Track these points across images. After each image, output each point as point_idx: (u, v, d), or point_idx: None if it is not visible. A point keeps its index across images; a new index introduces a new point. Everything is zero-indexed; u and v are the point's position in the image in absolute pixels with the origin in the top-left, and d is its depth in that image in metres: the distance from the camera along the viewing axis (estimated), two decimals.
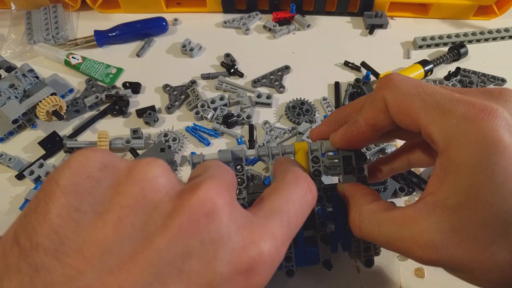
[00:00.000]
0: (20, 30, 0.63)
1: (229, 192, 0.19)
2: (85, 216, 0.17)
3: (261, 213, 0.21)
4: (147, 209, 0.18)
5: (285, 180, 0.24)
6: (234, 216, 0.19)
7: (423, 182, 0.47)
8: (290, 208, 0.22)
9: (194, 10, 0.67)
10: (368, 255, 0.33)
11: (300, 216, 0.22)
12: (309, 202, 0.23)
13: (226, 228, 0.18)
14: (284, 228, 0.21)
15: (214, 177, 0.19)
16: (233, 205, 0.19)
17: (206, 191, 0.18)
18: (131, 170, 0.19)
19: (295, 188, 0.23)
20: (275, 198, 0.22)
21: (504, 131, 0.20)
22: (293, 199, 0.22)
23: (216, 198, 0.18)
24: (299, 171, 0.25)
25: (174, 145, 0.50)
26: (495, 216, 0.20)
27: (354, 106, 0.31)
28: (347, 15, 0.68)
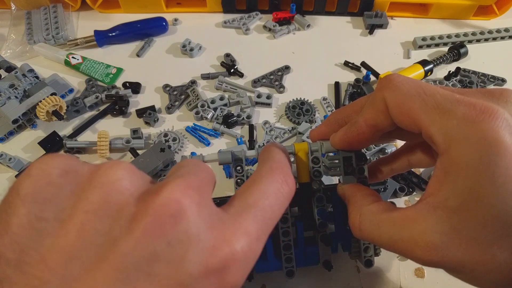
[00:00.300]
0: (20, 30, 0.63)
1: (198, 191, 0.19)
2: (47, 224, 0.17)
3: (234, 209, 0.21)
4: (110, 213, 0.17)
5: (260, 173, 0.23)
6: (203, 215, 0.18)
7: (423, 182, 0.47)
8: (265, 201, 0.21)
9: (194, 10, 0.67)
10: (368, 255, 0.33)
11: (277, 209, 0.22)
12: (285, 194, 0.23)
13: (194, 228, 0.18)
14: (259, 222, 0.20)
15: (182, 177, 0.19)
16: (202, 204, 0.19)
17: (171, 191, 0.18)
18: (94, 174, 0.18)
19: (270, 180, 0.23)
20: (249, 193, 0.22)
21: (505, 132, 0.20)
22: (268, 192, 0.22)
23: (181, 197, 0.18)
24: (275, 162, 0.24)
25: (174, 145, 0.50)
26: (496, 217, 0.20)
27: (354, 107, 0.31)
28: (347, 15, 0.68)
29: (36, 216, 0.17)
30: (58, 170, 0.18)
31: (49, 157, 0.19)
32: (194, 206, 0.18)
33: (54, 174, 0.18)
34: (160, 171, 0.48)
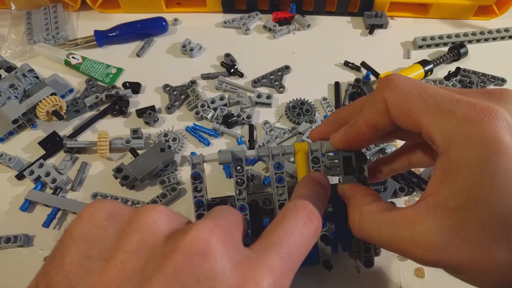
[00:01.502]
0: (20, 30, 0.63)
1: (225, 231, 0.20)
2: (93, 262, 0.19)
3: (259, 247, 0.21)
4: (146, 253, 0.19)
5: (285, 210, 0.24)
6: (229, 254, 0.19)
7: (423, 182, 0.47)
8: (289, 239, 0.22)
9: (194, 10, 0.67)
10: (368, 255, 0.33)
11: (301, 246, 0.22)
12: (310, 231, 0.23)
13: (221, 266, 0.19)
14: (284, 259, 0.21)
15: (211, 218, 0.21)
16: (229, 243, 0.20)
17: (198, 230, 0.19)
18: (133, 217, 0.21)
19: (294, 218, 0.23)
20: (273, 231, 0.22)
21: (505, 132, 0.20)
22: (292, 229, 0.22)
23: (208, 237, 0.19)
24: (301, 199, 0.25)
25: (174, 145, 0.50)
26: (496, 217, 0.20)
27: (354, 107, 0.31)
28: (347, 15, 0.68)
29: (84, 255, 0.19)
30: (104, 214, 0.21)
31: (97, 202, 0.21)
32: (220, 245, 0.19)
33: (101, 217, 0.21)
34: (160, 171, 0.48)
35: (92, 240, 0.20)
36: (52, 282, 0.18)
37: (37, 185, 0.47)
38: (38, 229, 0.44)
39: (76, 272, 0.18)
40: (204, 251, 0.18)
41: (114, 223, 0.20)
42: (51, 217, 0.44)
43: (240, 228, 0.23)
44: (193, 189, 0.32)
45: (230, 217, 0.22)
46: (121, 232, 0.20)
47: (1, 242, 0.42)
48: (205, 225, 0.19)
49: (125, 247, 0.19)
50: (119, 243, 0.19)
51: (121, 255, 0.19)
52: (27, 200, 0.45)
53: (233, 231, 0.22)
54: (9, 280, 0.41)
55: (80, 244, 0.19)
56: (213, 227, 0.19)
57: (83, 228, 0.20)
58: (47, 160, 0.50)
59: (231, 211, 0.23)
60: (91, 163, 0.50)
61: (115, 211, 0.21)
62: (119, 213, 0.21)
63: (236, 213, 0.24)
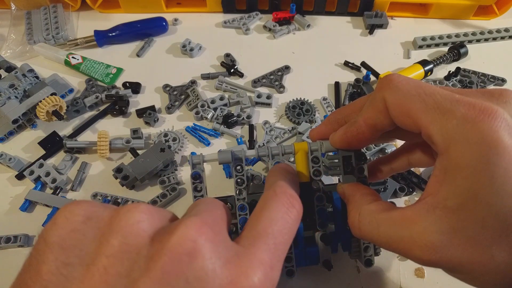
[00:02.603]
0: (20, 30, 0.63)
1: (212, 228, 0.20)
2: (73, 269, 0.18)
3: (246, 241, 0.21)
4: (130, 256, 0.18)
5: (265, 199, 0.24)
6: (218, 251, 0.19)
7: (423, 182, 0.47)
8: (274, 228, 0.22)
9: (194, 10, 0.67)
10: (368, 255, 0.33)
11: (286, 233, 0.22)
12: (293, 217, 0.23)
13: (210, 264, 0.18)
14: (271, 250, 0.21)
15: (196, 215, 0.20)
16: (217, 240, 0.19)
17: (185, 230, 0.18)
18: (113, 218, 0.19)
19: (276, 205, 0.23)
20: (258, 221, 0.22)
21: (504, 132, 0.20)
22: (275, 217, 0.22)
23: (195, 235, 0.18)
24: (279, 185, 0.25)
25: (174, 145, 0.50)
26: (495, 217, 0.20)
27: (354, 107, 0.31)
28: (347, 15, 0.68)
29: (62, 262, 0.18)
30: (81, 217, 0.19)
31: (73, 205, 0.20)
32: (208, 243, 0.19)
33: (77, 221, 0.19)
34: (160, 171, 0.48)
35: (69, 246, 0.18)
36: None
37: (37, 185, 0.47)
38: (38, 229, 0.44)
39: (55, 281, 0.17)
40: (192, 250, 0.18)
41: (93, 227, 0.19)
42: (51, 217, 0.44)
43: (225, 221, 0.22)
44: (193, 189, 0.32)
45: (215, 211, 0.22)
46: (101, 235, 0.19)
47: (1, 242, 0.42)
48: (191, 223, 0.19)
49: (106, 251, 0.18)
50: (100, 247, 0.18)
51: (103, 260, 0.18)
52: (27, 200, 0.45)
53: (220, 226, 0.21)
54: (9, 280, 0.41)
55: (57, 251, 0.18)
56: (200, 225, 0.19)
57: (59, 233, 0.19)
58: (47, 160, 0.50)
59: (215, 204, 0.23)
60: (91, 163, 0.50)
61: (92, 213, 0.20)
62: (98, 215, 0.20)
63: (219, 205, 0.23)
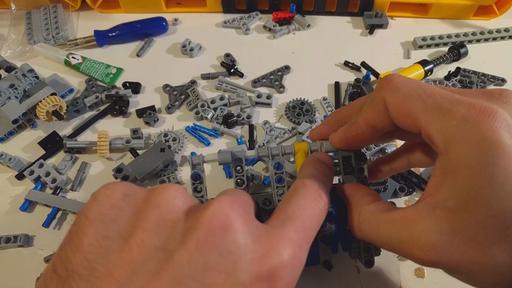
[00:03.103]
0: (20, 30, 0.63)
1: (243, 207, 0.21)
2: (112, 242, 0.19)
3: (276, 222, 0.22)
4: (166, 230, 0.19)
5: (295, 187, 0.25)
6: (249, 227, 0.20)
7: (423, 182, 0.47)
8: (303, 213, 0.23)
9: (194, 10, 0.67)
10: (368, 255, 0.33)
11: (314, 220, 0.23)
12: (320, 206, 0.24)
13: (243, 239, 0.19)
14: (300, 232, 0.22)
15: (227, 194, 0.21)
16: (248, 218, 0.20)
17: (219, 205, 0.19)
18: (150, 195, 0.21)
19: (304, 195, 0.24)
20: (287, 207, 0.23)
21: (504, 133, 0.20)
22: (304, 204, 0.23)
23: (228, 211, 0.19)
24: (308, 177, 0.26)
25: (174, 145, 0.50)
26: (495, 217, 0.20)
27: (354, 107, 0.31)
28: (347, 15, 0.68)
29: (102, 235, 0.19)
30: (119, 194, 0.21)
31: (112, 184, 0.21)
32: (240, 219, 0.20)
33: (116, 198, 0.20)
34: (160, 171, 0.48)
35: (109, 221, 0.19)
36: (70, 265, 0.18)
37: (37, 185, 0.47)
38: (38, 229, 0.44)
39: (95, 252, 0.18)
40: (225, 224, 0.19)
41: (130, 203, 0.20)
42: (51, 217, 0.44)
43: (252, 207, 0.23)
44: (193, 190, 0.32)
45: (242, 196, 0.23)
46: (139, 211, 0.20)
47: (1, 242, 0.42)
48: (223, 200, 0.20)
49: (144, 225, 0.19)
50: (137, 221, 0.19)
51: (140, 233, 0.19)
52: (27, 200, 0.45)
53: (249, 209, 0.22)
54: (9, 280, 0.41)
55: (97, 225, 0.19)
56: (232, 202, 0.20)
57: (99, 209, 0.20)
58: (47, 160, 0.50)
59: (242, 192, 0.24)
60: (91, 163, 0.50)
61: (130, 190, 0.21)
62: (135, 193, 0.21)
63: (247, 194, 0.24)
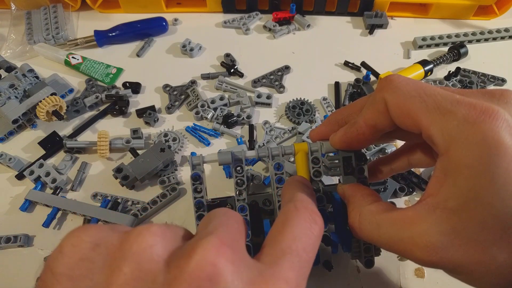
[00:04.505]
0: (20, 30, 0.63)
1: (232, 247, 0.18)
2: None
3: (269, 258, 0.20)
4: (145, 284, 0.17)
5: (286, 214, 0.23)
6: (240, 272, 0.18)
7: (423, 182, 0.47)
8: (298, 245, 0.21)
9: (194, 10, 0.67)
10: (369, 255, 0.33)
11: (310, 251, 0.21)
12: (316, 233, 0.22)
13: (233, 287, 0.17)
14: (296, 269, 0.20)
15: (213, 233, 0.19)
16: (237, 261, 0.18)
17: (204, 253, 0.17)
18: (124, 243, 0.18)
19: (298, 221, 0.22)
20: (281, 238, 0.21)
21: (505, 133, 0.20)
22: (299, 234, 0.21)
23: (215, 258, 0.17)
24: (299, 200, 0.24)
25: (174, 145, 0.50)
26: (495, 218, 0.20)
27: (354, 107, 0.31)
28: (347, 15, 0.68)
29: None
30: (89, 244, 0.18)
31: (79, 231, 0.19)
32: (229, 265, 0.17)
33: (85, 248, 0.18)
34: (160, 171, 0.48)
35: (78, 276, 0.17)
36: None
37: (37, 185, 0.47)
38: (38, 229, 0.44)
39: None
40: (213, 275, 0.17)
41: (102, 253, 0.18)
42: (51, 217, 0.44)
43: (243, 235, 0.21)
44: (193, 190, 0.32)
45: (231, 224, 0.20)
46: (112, 262, 0.18)
47: (1, 242, 0.42)
48: (209, 244, 0.17)
49: (119, 279, 0.17)
50: (111, 276, 0.17)
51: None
52: (27, 200, 0.45)
53: (238, 242, 0.20)
54: (9, 280, 0.41)
55: (66, 282, 0.17)
56: (219, 246, 0.18)
57: (66, 263, 0.17)
58: (47, 160, 0.50)
59: (230, 216, 0.21)
60: (91, 163, 0.50)
61: (101, 238, 0.18)
62: (106, 240, 0.18)
63: (236, 217, 0.22)
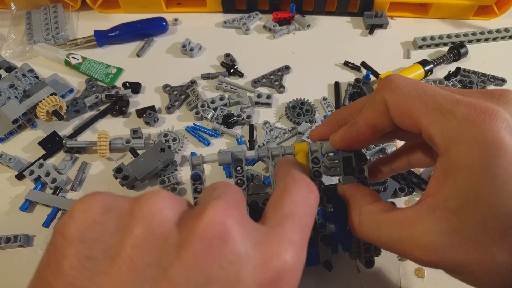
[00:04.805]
0: (20, 30, 0.63)
1: (238, 210, 0.19)
2: (97, 263, 0.17)
3: (273, 222, 0.21)
4: (157, 244, 0.17)
5: (285, 183, 0.24)
6: (247, 233, 0.18)
7: (423, 182, 0.47)
8: (299, 210, 0.22)
9: (194, 10, 0.67)
10: (369, 255, 0.33)
11: (309, 215, 0.23)
12: (313, 201, 0.24)
13: (243, 246, 0.18)
14: (299, 231, 0.21)
15: (220, 197, 0.19)
16: (244, 222, 0.19)
17: (214, 213, 0.18)
18: (134, 207, 0.19)
19: (296, 190, 0.23)
20: (282, 204, 0.22)
21: (505, 133, 0.20)
22: (299, 201, 0.23)
23: (224, 218, 0.18)
24: (296, 173, 0.25)
25: (174, 145, 0.50)
26: (496, 218, 0.20)
27: (354, 107, 0.31)
28: (347, 15, 0.68)
29: (85, 256, 0.17)
30: (99, 209, 0.19)
31: (89, 197, 0.19)
32: (238, 225, 0.18)
33: (96, 213, 0.18)
34: (160, 171, 0.48)
35: (91, 240, 0.17)
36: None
37: (37, 185, 0.47)
38: (38, 229, 0.44)
39: (80, 276, 0.17)
40: (222, 234, 0.17)
41: (113, 217, 0.18)
42: (51, 217, 0.44)
43: (245, 204, 0.22)
44: (193, 190, 0.32)
45: (234, 193, 0.21)
46: (123, 226, 0.18)
47: (1, 242, 0.42)
48: (217, 206, 0.18)
49: (131, 241, 0.17)
50: (124, 238, 0.17)
51: (128, 250, 0.17)
52: (27, 200, 0.45)
53: (242, 207, 0.21)
54: (9, 280, 0.41)
55: (78, 245, 0.17)
56: (227, 207, 0.18)
57: (77, 227, 0.18)
58: (47, 160, 0.50)
59: (232, 186, 0.22)
60: (91, 163, 0.50)
61: (111, 203, 0.19)
62: (117, 205, 0.19)
63: (237, 188, 0.23)
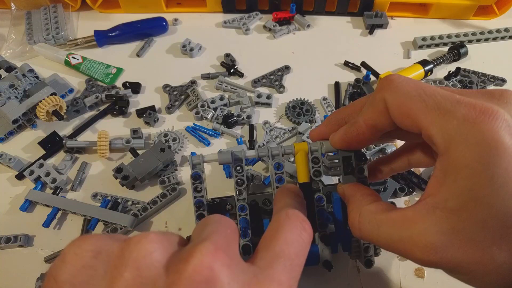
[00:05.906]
0: (20, 30, 0.63)
1: (226, 252, 0.19)
2: None
3: (263, 262, 0.21)
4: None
5: (278, 221, 0.24)
6: (235, 275, 0.19)
7: (423, 182, 0.47)
8: (291, 249, 0.22)
9: (194, 10, 0.67)
10: (368, 255, 0.33)
11: (301, 255, 0.23)
12: (305, 240, 0.23)
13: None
14: (288, 271, 0.21)
15: (208, 239, 0.19)
16: (233, 264, 0.19)
17: (201, 256, 0.18)
18: (124, 251, 0.19)
19: (289, 228, 0.23)
20: (273, 243, 0.22)
21: (505, 133, 0.20)
22: (291, 240, 0.22)
23: (212, 262, 0.18)
24: (290, 210, 0.25)
25: (174, 145, 0.50)
26: (495, 218, 0.20)
27: (354, 107, 0.31)
28: (347, 15, 0.68)
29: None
30: (91, 252, 0.19)
31: (81, 240, 0.19)
32: (225, 269, 0.18)
33: (87, 256, 0.19)
34: (160, 171, 0.48)
35: (81, 283, 0.18)
36: None
37: (37, 185, 0.47)
38: (38, 229, 0.44)
39: None
40: (210, 278, 0.18)
41: (103, 261, 0.19)
42: (51, 217, 0.44)
43: (236, 241, 0.22)
44: (193, 190, 0.32)
45: (225, 231, 0.21)
46: (113, 269, 0.18)
47: (1, 242, 0.42)
48: (205, 249, 0.18)
49: (120, 285, 0.18)
50: (113, 282, 0.18)
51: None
52: (27, 200, 0.45)
53: (232, 247, 0.21)
54: (9, 280, 0.41)
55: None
56: (214, 250, 0.18)
57: (69, 271, 0.18)
58: (47, 160, 0.50)
59: (224, 222, 0.22)
60: (91, 163, 0.50)
61: (102, 246, 0.19)
62: (107, 249, 0.19)
63: (228, 223, 0.22)
